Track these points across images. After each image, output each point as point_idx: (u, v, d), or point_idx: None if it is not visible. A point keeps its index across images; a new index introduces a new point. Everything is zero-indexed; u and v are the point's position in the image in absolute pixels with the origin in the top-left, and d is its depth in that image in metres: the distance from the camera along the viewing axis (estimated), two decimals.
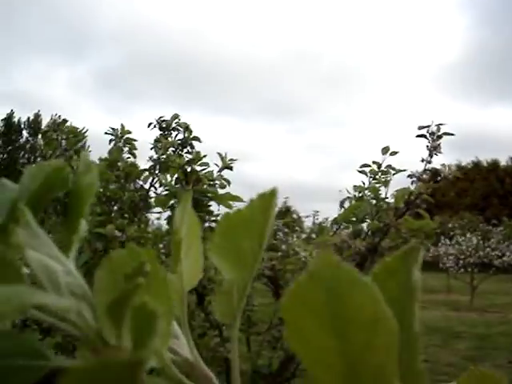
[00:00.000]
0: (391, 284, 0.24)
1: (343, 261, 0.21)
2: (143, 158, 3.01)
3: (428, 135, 2.07)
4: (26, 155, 29.57)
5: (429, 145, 2.06)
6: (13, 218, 0.23)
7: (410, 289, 0.24)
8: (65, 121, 2.42)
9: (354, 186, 2.41)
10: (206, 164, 1.94)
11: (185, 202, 0.29)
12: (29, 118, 30.12)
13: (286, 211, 3.17)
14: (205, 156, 2.01)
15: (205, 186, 1.82)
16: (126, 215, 2.47)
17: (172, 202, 2.04)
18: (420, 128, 2.10)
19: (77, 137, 2.36)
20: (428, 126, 2.07)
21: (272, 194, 0.27)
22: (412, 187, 2.04)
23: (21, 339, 0.20)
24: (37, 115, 30.11)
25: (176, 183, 1.87)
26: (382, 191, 2.23)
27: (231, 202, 1.82)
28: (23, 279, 0.21)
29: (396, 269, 0.24)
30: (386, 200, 2.16)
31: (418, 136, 2.05)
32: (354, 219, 2.27)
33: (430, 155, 2.06)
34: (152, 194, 3.04)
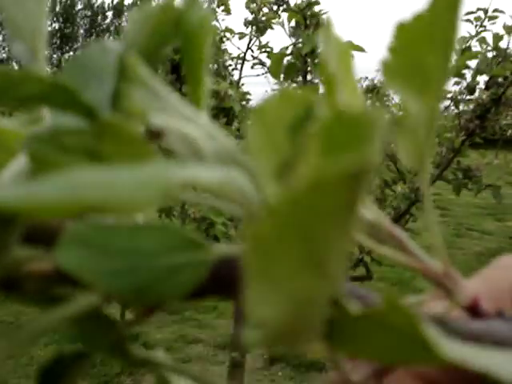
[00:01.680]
0: None
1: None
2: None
3: None
4: (111, 37, 30.02)
5: None
6: (124, 78, 0.17)
7: None
8: None
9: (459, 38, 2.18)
10: (325, 12, 1.82)
11: (327, 27, 0.21)
12: (113, 1, 30.19)
13: (374, 90, 3.00)
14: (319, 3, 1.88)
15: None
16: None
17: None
18: None
19: None
20: None
21: None
22: None
23: (177, 231, 0.15)
24: None
25: (295, 29, 1.77)
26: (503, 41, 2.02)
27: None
28: (154, 156, 0.16)
29: None
30: (508, 51, 1.96)
31: None
32: (464, 72, 2.08)
33: None
34: (249, 56, 2.99)
